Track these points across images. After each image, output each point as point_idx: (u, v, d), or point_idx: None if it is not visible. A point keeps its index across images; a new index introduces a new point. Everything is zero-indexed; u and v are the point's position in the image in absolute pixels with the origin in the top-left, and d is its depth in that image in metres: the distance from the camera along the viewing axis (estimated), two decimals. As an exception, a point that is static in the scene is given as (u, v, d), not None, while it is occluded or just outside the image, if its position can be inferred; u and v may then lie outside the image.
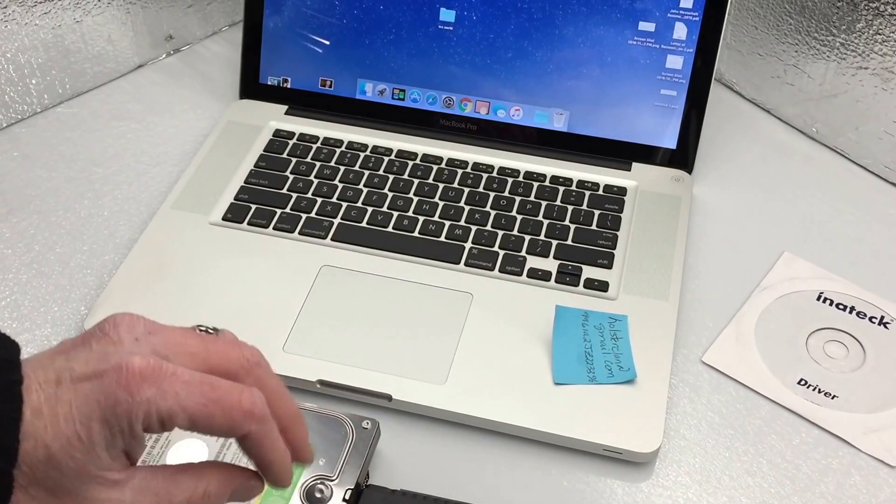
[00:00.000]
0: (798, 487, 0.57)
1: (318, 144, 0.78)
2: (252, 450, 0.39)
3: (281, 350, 0.62)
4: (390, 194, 0.73)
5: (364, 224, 0.71)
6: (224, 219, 0.71)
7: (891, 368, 0.63)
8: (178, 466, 0.39)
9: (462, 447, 0.59)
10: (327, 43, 0.79)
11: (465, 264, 0.68)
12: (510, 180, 0.75)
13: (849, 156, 0.80)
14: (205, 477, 0.40)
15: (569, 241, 0.70)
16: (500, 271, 0.68)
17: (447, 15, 0.77)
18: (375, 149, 0.77)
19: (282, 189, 0.74)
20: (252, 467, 0.40)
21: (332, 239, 0.70)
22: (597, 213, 0.72)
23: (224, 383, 0.38)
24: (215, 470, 0.40)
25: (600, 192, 0.74)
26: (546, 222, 0.71)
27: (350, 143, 0.78)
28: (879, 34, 0.73)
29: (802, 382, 0.62)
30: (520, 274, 0.67)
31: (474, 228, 0.71)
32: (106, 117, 0.83)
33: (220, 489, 0.40)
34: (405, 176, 0.75)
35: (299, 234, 0.70)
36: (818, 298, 0.67)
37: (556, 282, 0.67)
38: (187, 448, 0.53)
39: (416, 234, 0.70)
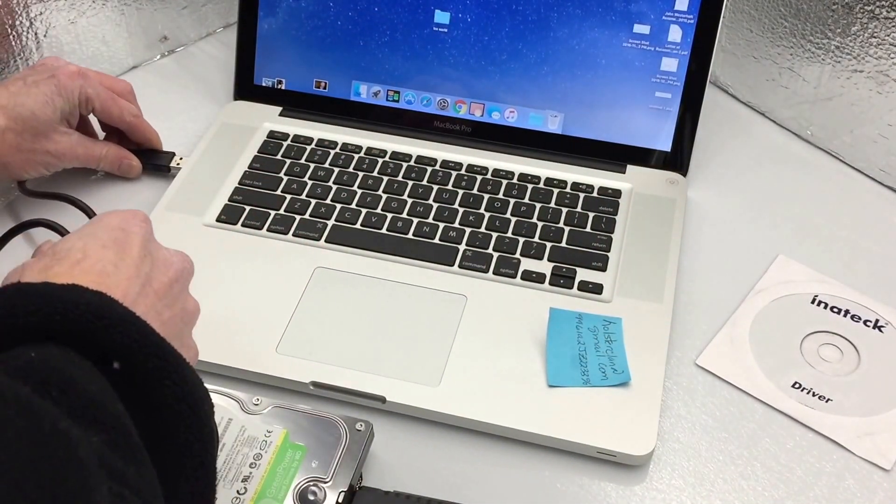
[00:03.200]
0: (792, 491, 0.57)
1: (313, 146, 0.78)
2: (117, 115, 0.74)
3: (274, 351, 0.62)
4: (384, 196, 0.73)
5: (358, 226, 0.71)
6: (218, 220, 0.71)
7: (885, 372, 0.63)
8: (93, 140, 0.74)
9: (456, 449, 0.59)
10: (322, 44, 0.79)
11: (460, 266, 0.68)
12: (504, 182, 0.74)
13: (843, 159, 0.80)
14: (106, 146, 0.74)
15: (563, 244, 0.70)
16: (494, 273, 0.67)
17: (442, 17, 0.76)
18: (370, 150, 0.77)
19: (276, 190, 0.74)
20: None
21: (325, 240, 0.70)
22: (591, 215, 0.72)
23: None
24: (113, 146, 0.75)
25: (595, 194, 0.74)
26: (540, 224, 0.71)
27: (344, 144, 0.78)
28: (874, 37, 0.73)
29: (797, 386, 0.62)
30: (514, 276, 0.67)
31: (468, 230, 0.70)
32: (100, 118, 0.83)
33: (115, 156, 0.75)
34: (399, 178, 0.75)
35: (293, 235, 0.70)
36: (813, 301, 0.67)
37: (551, 284, 0.67)
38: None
39: (410, 235, 0.70)
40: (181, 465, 0.39)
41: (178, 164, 0.76)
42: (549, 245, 0.69)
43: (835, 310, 0.67)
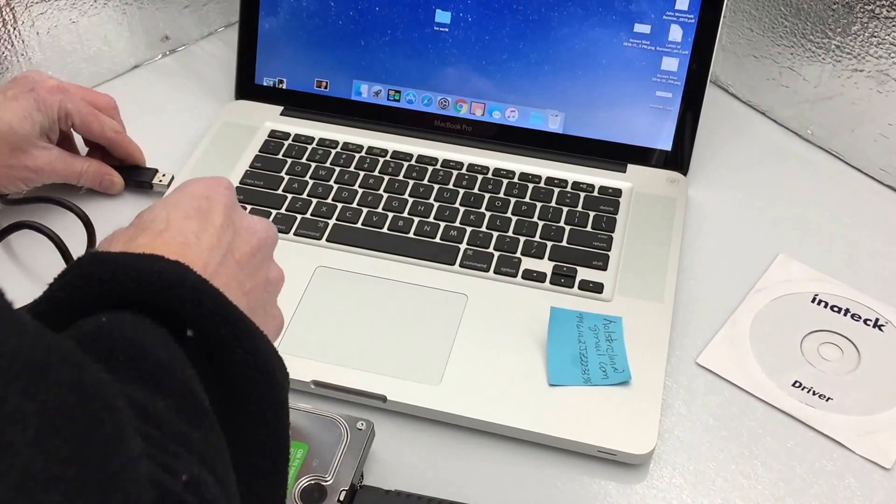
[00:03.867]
0: (792, 490, 0.57)
1: (314, 145, 0.78)
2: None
3: (275, 351, 0.62)
4: (385, 195, 0.73)
5: (359, 225, 0.71)
6: (219, 219, 0.71)
7: (885, 371, 0.63)
8: (74, 155, 0.74)
9: (456, 448, 0.59)
10: (323, 44, 0.79)
11: (460, 265, 0.68)
12: (505, 181, 0.75)
13: (844, 158, 0.80)
14: (87, 162, 0.73)
15: (564, 243, 0.70)
16: (494, 272, 0.68)
17: (443, 16, 0.77)
18: (370, 150, 0.77)
19: (277, 190, 0.74)
20: None
21: (327, 240, 0.70)
22: (592, 214, 0.72)
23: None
24: (95, 162, 0.74)
25: (595, 193, 0.74)
26: (541, 224, 0.71)
27: (345, 144, 0.78)
28: (875, 37, 0.73)
29: (797, 384, 0.62)
30: (515, 275, 0.67)
31: (469, 229, 0.71)
32: (101, 117, 0.83)
33: (96, 172, 0.74)
34: (400, 177, 0.75)
35: (294, 234, 0.70)
36: (813, 300, 0.67)
37: (551, 283, 0.67)
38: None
39: (411, 234, 0.70)
40: (254, 434, 0.39)
41: (160, 180, 0.76)
42: (549, 244, 0.69)
43: (835, 309, 0.67)
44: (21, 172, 0.69)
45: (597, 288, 0.66)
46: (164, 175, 0.76)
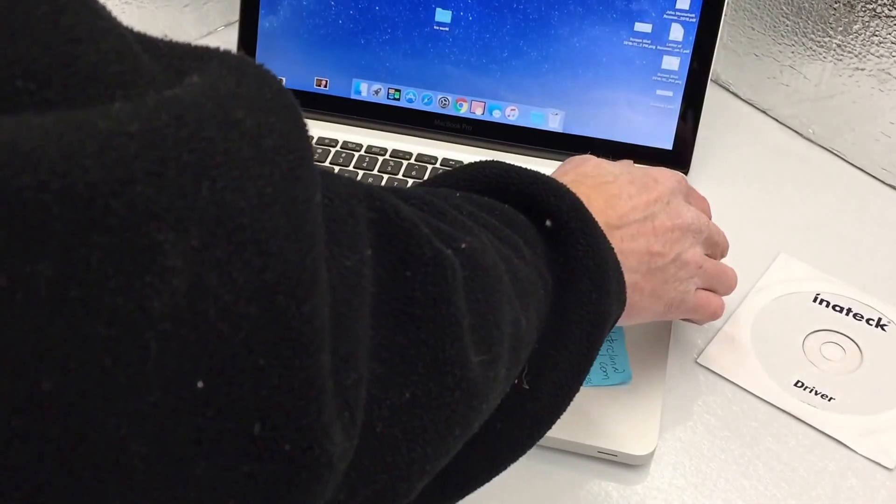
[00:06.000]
0: (794, 490, 0.56)
1: (313, 144, 0.77)
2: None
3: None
4: (385, 195, 0.73)
5: (359, 224, 0.71)
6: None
7: (887, 371, 0.62)
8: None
9: (456, 449, 0.58)
10: (323, 43, 0.79)
11: (460, 265, 0.68)
12: (506, 181, 0.74)
13: (845, 157, 0.80)
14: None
15: (564, 242, 0.69)
16: (495, 272, 0.67)
17: (443, 15, 0.76)
18: (370, 148, 0.77)
19: (276, 189, 0.73)
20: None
21: (326, 239, 0.70)
22: (592, 213, 0.72)
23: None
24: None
25: (596, 192, 0.73)
26: (541, 223, 0.71)
27: (345, 142, 0.78)
28: (876, 35, 0.73)
29: (799, 384, 0.62)
30: (515, 275, 0.67)
31: (469, 229, 0.70)
32: (100, 117, 0.83)
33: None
34: (400, 176, 0.75)
35: (293, 234, 0.70)
36: (815, 300, 0.67)
37: (552, 283, 0.66)
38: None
39: (410, 234, 0.70)
40: (577, 313, 0.44)
41: None
42: (550, 244, 0.69)
43: (837, 308, 0.66)
44: None
45: (597, 287, 0.66)
46: None
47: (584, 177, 0.52)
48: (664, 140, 0.75)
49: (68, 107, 0.24)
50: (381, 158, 0.76)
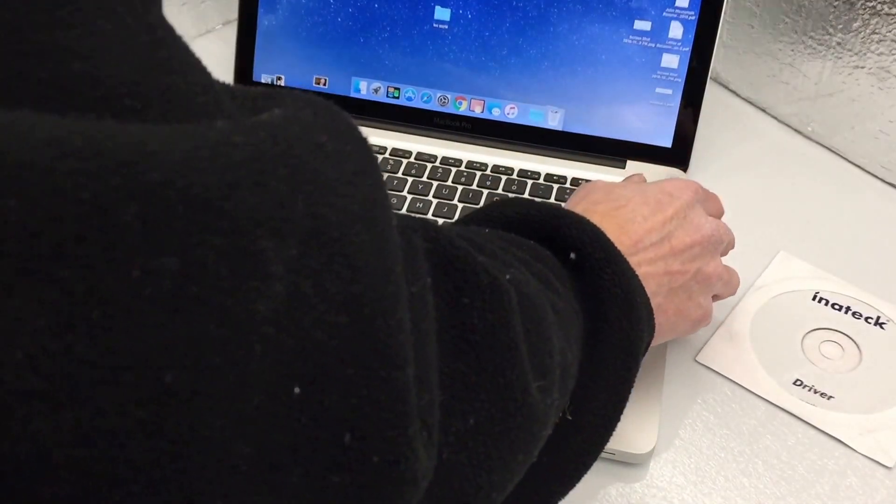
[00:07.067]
0: (793, 488, 0.56)
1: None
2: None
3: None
4: (384, 193, 0.73)
5: (358, 223, 0.71)
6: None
7: (887, 369, 0.62)
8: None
9: (455, 447, 0.58)
10: (322, 41, 0.79)
11: (460, 263, 0.68)
12: (504, 178, 0.74)
13: (844, 155, 0.79)
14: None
15: (564, 241, 0.69)
16: (494, 270, 0.67)
17: (442, 13, 0.76)
18: (370, 147, 0.77)
19: (275, 187, 0.73)
20: None
21: (325, 237, 0.70)
22: (592, 212, 0.72)
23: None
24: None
25: (595, 191, 0.73)
26: (541, 221, 0.71)
27: (344, 141, 0.77)
28: (876, 33, 0.72)
29: (798, 383, 0.62)
30: (514, 273, 0.67)
31: (469, 227, 0.70)
32: (99, 115, 0.83)
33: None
34: (399, 174, 0.75)
35: (293, 232, 0.70)
36: (814, 298, 0.67)
37: (551, 281, 0.66)
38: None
39: (410, 232, 0.70)
40: (610, 342, 0.44)
41: None
42: (549, 242, 0.69)
43: (836, 306, 0.66)
44: None
45: (597, 286, 0.66)
46: None
47: (594, 205, 0.52)
48: (664, 138, 0.75)
49: None
50: (380, 157, 0.76)
